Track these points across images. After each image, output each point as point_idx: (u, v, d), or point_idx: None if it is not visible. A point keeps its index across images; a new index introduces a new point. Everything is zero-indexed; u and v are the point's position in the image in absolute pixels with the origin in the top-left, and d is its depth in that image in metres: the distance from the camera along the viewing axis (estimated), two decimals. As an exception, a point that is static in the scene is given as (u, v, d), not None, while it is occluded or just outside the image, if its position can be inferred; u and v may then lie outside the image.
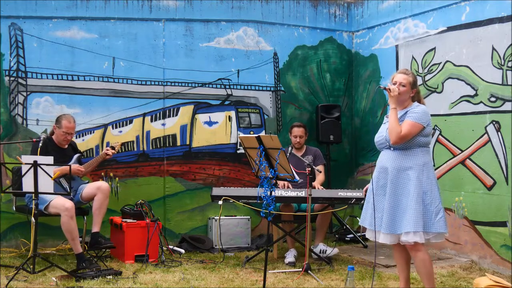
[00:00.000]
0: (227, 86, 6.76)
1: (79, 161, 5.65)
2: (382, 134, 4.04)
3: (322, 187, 5.82)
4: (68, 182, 5.18)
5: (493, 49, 5.38)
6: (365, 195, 4.19)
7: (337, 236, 6.69)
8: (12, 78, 5.92)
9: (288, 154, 5.36)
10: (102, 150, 6.22)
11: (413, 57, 6.37)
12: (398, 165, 3.89)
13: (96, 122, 6.23)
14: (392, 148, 3.95)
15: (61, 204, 5.07)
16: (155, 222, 5.56)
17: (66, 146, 5.59)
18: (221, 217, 6.21)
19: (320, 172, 5.90)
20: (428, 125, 3.93)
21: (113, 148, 5.82)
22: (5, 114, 5.89)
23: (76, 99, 6.15)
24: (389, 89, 3.95)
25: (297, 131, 6.13)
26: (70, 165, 5.01)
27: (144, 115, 6.43)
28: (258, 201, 4.62)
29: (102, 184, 5.44)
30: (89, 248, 5.40)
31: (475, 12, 5.61)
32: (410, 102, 4.02)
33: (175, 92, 6.53)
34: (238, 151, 6.76)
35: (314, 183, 5.73)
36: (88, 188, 5.45)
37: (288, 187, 5.72)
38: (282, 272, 5.19)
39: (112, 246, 5.44)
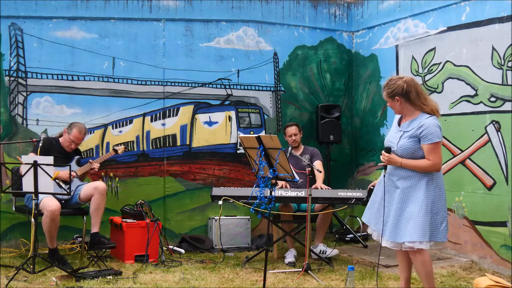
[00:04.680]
0: (227, 86, 6.76)
1: (78, 163, 5.67)
2: (392, 142, 3.94)
3: (326, 186, 5.79)
4: (64, 183, 5.19)
5: (493, 49, 5.38)
6: (369, 190, 4.12)
7: (337, 236, 6.68)
8: (12, 78, 5.92)
9: (288, 154, 5.36)
10: (102, 150, 6.23)
11: (413, 57, 6.37)
12: (407, 172, 3.86)
13: (96, 122, 6.23)
14: (401, 156, 3.89)
15: (46, 204, 5.08)
16: (155, 222, 5.55)
17: (71, 150, 5.65)
18: (221, 217, 6.20)
19: (320, 171, 5.89)
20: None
21: (116, 151, 5.86)
22: (5, 114, 5.89)
23: (76, 99, 6.15)
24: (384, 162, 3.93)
25: (290, 130, 6.12)
26: (70, 165, 5.04)
27: (144, 115, 6.42)
28: (250, 200, 4.61)
29: (99, 185, 5.43)
30: (89, 248, 5.40)
31: (475, 12, 5.61)
32: (412, 110, 3.88)
33: (175, 92, 6.53)
34: (238, 151, 6.76)
35: (317, 184, 5.72)
36: (85, 189, 5.45)
37: (286, 187, 5.71)
38: (282, 272, 5.19)
39: (114, 246, 5.44)
